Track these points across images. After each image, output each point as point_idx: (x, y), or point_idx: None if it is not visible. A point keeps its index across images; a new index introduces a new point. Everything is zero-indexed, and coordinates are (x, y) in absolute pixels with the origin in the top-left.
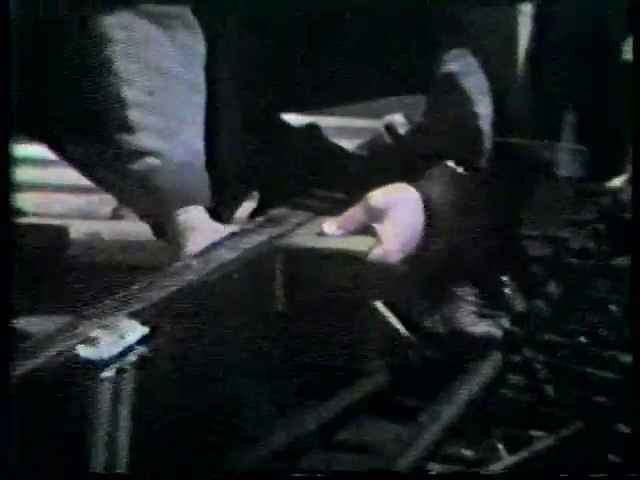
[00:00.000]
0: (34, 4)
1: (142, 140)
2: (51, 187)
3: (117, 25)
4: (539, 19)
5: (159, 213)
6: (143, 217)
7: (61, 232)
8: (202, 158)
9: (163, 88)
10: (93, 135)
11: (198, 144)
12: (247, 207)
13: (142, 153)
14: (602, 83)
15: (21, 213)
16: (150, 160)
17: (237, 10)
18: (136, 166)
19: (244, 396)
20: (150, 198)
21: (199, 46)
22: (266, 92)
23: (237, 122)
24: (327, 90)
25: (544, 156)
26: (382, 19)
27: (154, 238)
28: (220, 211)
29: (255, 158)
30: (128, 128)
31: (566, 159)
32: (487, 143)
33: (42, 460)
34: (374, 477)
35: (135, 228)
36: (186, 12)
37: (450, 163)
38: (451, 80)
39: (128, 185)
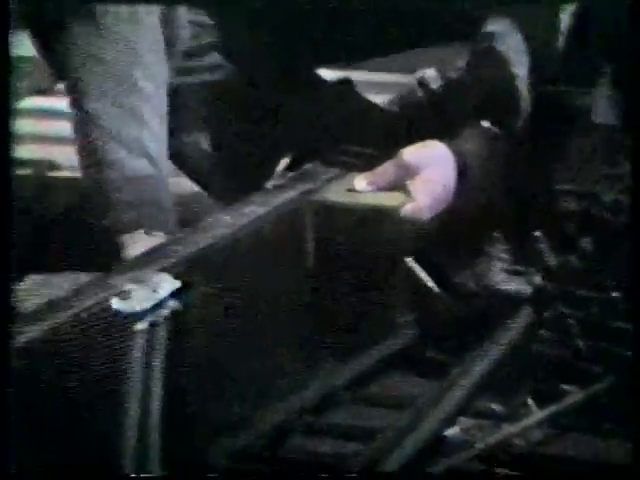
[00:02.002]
0: None
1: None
2: None
3: None
4: None
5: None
6: None
7: None
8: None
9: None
10: None
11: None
12: (281, 163)
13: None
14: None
15: (55, 166)
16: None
17: None
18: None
19: (274, 351)
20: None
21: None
22: (299, 48)
23: (269, 80)
24: (359, 44)
25: (579, 103)
26: None
27: (187, 192)
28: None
29: (288, 114)
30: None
31: (601, 106)
32: (523, 104)
33: (74, 408)
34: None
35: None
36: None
37: (485, 123)
38: (489, 40)
39: None
